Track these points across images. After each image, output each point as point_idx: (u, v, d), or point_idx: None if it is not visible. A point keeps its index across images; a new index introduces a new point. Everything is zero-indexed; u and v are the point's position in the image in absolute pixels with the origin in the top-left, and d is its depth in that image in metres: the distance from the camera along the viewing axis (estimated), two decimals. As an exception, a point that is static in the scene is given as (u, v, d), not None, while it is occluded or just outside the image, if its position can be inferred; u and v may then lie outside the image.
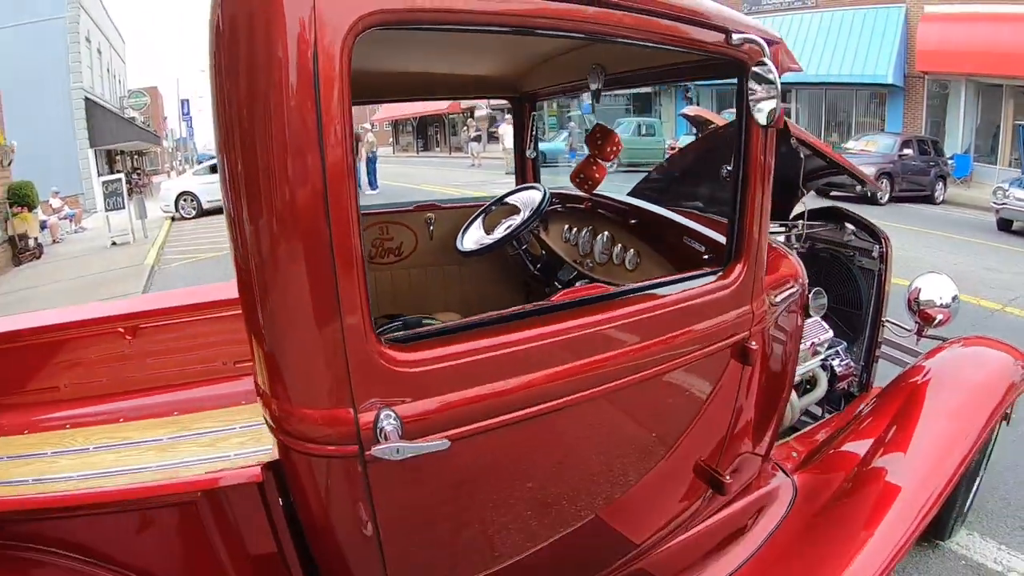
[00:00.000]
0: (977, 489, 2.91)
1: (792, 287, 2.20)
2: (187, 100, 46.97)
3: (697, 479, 2.00)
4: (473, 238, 2.90)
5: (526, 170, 3.39)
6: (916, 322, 3.11)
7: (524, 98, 3.29)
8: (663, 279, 1.83)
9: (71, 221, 17.77)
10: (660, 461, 1.89)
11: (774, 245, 2.37)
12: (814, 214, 3.32)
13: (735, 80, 1.70)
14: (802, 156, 2.76)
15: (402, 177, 23.39)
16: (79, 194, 21.42)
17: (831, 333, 2.98)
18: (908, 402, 2.54)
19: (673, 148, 18.05)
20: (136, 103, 33.09)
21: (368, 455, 1.26)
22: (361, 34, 1.13)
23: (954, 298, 3.07)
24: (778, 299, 2.07)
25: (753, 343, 1.86)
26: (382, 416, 1.26)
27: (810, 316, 2.73)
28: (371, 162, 18.70)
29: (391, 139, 47.43)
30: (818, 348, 2.92)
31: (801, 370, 2.75)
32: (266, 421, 1.34)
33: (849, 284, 3.39)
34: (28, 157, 14.78)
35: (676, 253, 2.33)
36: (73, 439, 2.19)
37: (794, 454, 2.62)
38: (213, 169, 18.62)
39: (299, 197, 1.14)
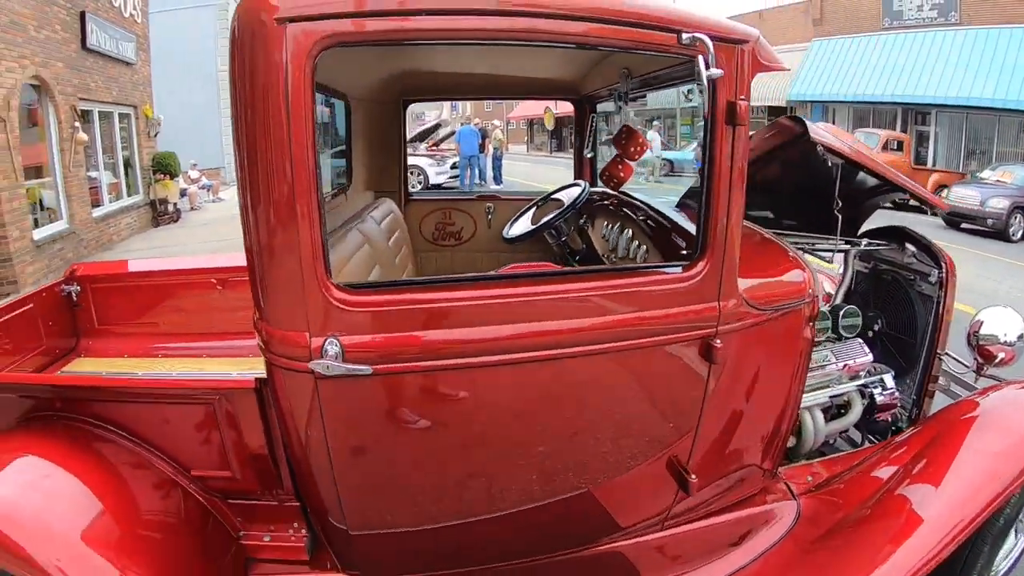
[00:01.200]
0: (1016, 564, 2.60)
1: (794, 300, 2.13)
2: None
3: (660, 471, 2.02)
4: (519, 227, 3.08)
5: (583, 169, 3.62)
6: (975, 358, 2.80)
7: (584, 100, 3.55)
8: (620, 266, 1.96)
9: (209, 191, 19.23)
10: (608, 441, 1.96)
11: (794, 256, 2.32)
12: (878, 233, 3.16)
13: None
14: (832, 165, 2.64)
15: (527, 176, 23.65)
16: (220, 167, 23.16)
17: (870, 357, 2.79)
18: (942, 438, 2.32)
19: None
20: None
21: (313, 371, 1.59)
22: (323, 51, 1.47)
23: (1020, 336, 2.76)
24: (769, 307, 2.02)
25: (718, 341, 1.85)
26: (328, 342, 1.58)
27: (843, 336, 2.71)
28: (496, 159, 19.03)
29: (526, 137, 48.06)
30: (854, 371, 2.75)
31: (831, 392, 2.67)
32: (258, 344, 1.68)
33: (906, 309, 3.11)
34: (175, 131, 16.21)
35: (674, 250, 2.41)
36: (161, 365, 2.80)
37: (810, 477, 2.52)
38: None
39: (270, 174, 1.53)
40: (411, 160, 18.74)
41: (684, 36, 1.64)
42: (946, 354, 2.96)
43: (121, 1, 12.09)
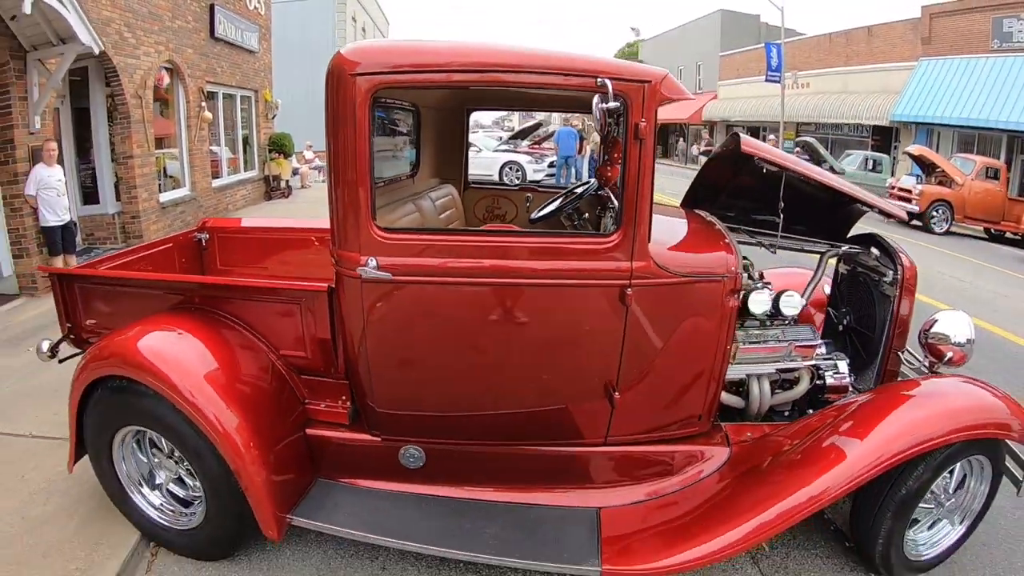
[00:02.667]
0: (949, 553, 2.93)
1: (710, 274, 2.65)
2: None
3: (596, 386, 2.66)
4: (541, 212, 3.65)
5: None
6: (927, 356, 3.06)
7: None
8: (568, 231, 3.00)
9: (320, 172, 20.60)
10: (558, 351, 2.63)
11: (728, 243, 2.84)
12: (856, 239, 3.53)
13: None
14: (768, 173, 3.15)
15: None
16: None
17: (819, 341, 3.15)
18: (875, 404, 2.74)
19: (893, 188, 16.65)
20: (396, 81, 37.15)
21: (359, 275, 2.46)
22: (376, 91, 2.39)
23: (969, 340, 2.96)
24: (682, 274, 2.59)
25: (630, 290, 2.49)
26: (370, 260, 2.45)
27: (782, 316, 3.06)
28: (592, 161, 19.20)
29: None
30: (804, 351, 3.09)
31: (780, 366, 3.08)
32: (332, 260, 2.57)
33: (869, 307, 3.40)
34: (293, 114, 17.50)
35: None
36: None
37: (749, 434, 2.97)
38: None
39: (344, 162, 2.44)
40: (511, 156, 19.56)
41: (598, 80, 2.29)
42: (905, 350, 3.28)
43: (247, -5, 13.29)
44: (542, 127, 20.01)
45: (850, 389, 3.17)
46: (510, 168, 19.03)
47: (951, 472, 2.76)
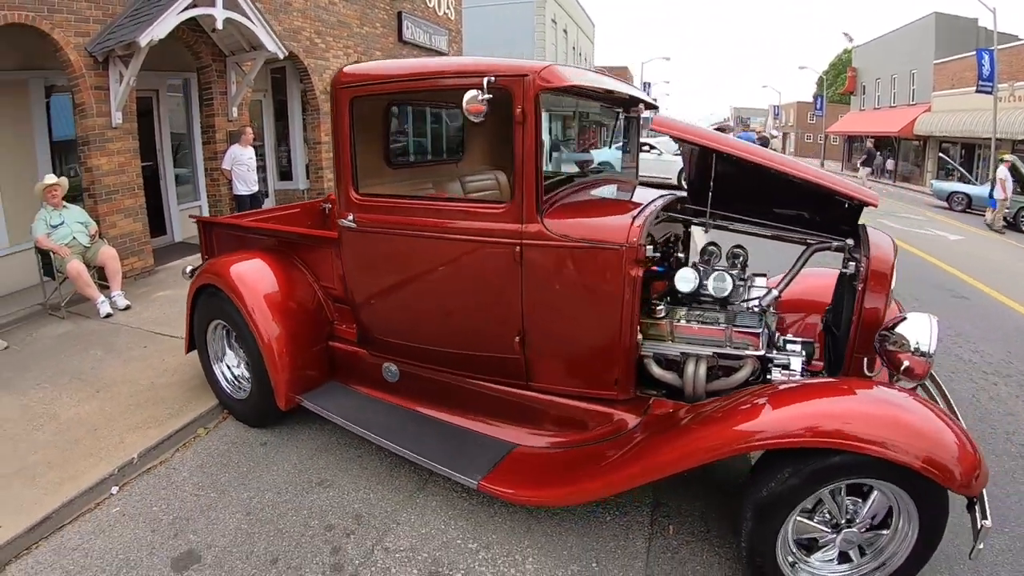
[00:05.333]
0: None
1: (605, 242, 2.87)
2: (648, 83, 52.12)
3: (508, 330, 3.11)
4: None
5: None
6: (883, 363, 2.77)
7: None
8: (480, 197, 3.54)
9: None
10: (479, 296, 3.17)
11: (637, 215, 2.95)
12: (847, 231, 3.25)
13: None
14: (689, 151, 3.39)
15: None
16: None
17: (759, 330, 2.96)
18: (796, 392, 2.53)
19: None
20: (594, 81, 38.22)
21: (343, 226, 3.44)
22: (352, 99, 3.29)
23: (929, 350, 2.61)
24: (573, 239, 2.90)
25: (518, 249, 2.96)
26: (350, 216, 3.39)
27: (712, 295, 3.08)
28: None
29: (842, 155, 44.88)
30: (743, 337, 2.98)
31: (719, 350, 3.01)
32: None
33: (842, 303, 3.21)
34: None
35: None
36: None
37: (672, 409, 3.01)
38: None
39: (338, 147, 3.41)
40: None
41: (484, 78, 2.79)
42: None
43: (435, 2, 15.02)
44: (725, 131, 19.80)
45: None
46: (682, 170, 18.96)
47: (862, 496, 2.48)
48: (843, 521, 2.49)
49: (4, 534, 2.90)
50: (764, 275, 3.53)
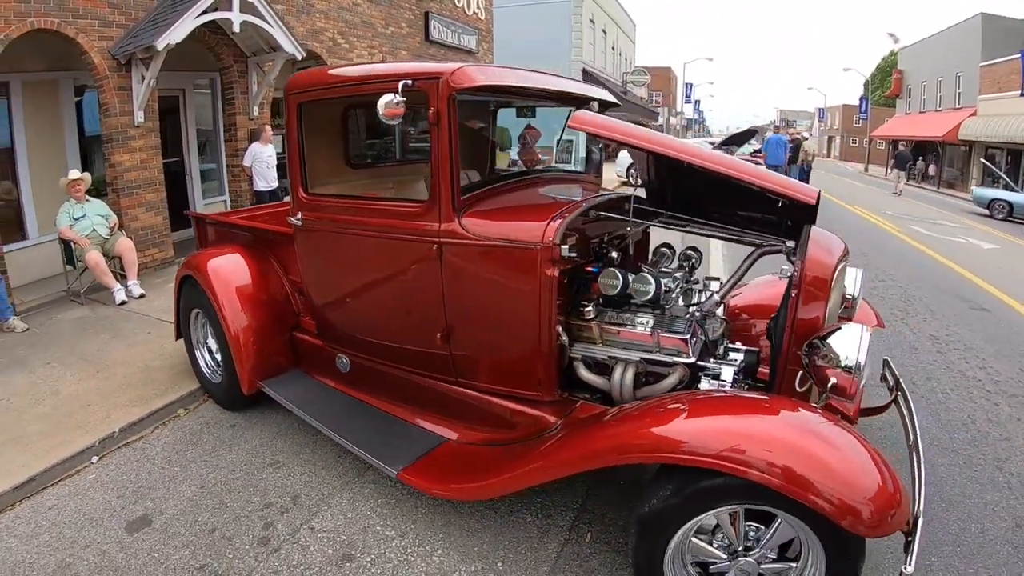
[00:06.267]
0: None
1: (519, 242, 2.89)
2: (690, 84, 51.86)
3: (431, 325, 3.28)
4: None
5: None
6: (810, 378, 2.60)
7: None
8: (402, 196, 3.59)
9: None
10: (404, 290, 3.37)
11: (555, 216, 2.93)
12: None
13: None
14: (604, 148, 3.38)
15: (836, 193, 22.83)
16: (548, 145, 26.50)
17: (684, 336, 2.87)
18: (709, 403, 2.46)
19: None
20: (636, 80, 38.10)
21: (290, 222, 3.78)
22: (299, 105, 3.54)
23: (857, 365, 2.41)
24: (489, 238, 2.97)
25: (435, 246, 3.10)
26: (299, 214, 3.68)
27: (634, 301, 3.02)
28: (803, 171, 18.36)
29: (889, 159, 44.12)
30: (671, 343, 2.90)
31: (647, 356, 2.97)
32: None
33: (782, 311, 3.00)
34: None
35: None
36: None
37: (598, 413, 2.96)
38: None
39: (290, 150, 3.67)
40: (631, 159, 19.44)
41: (401, 82, 2.91)
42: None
43: (464, 2, 15.35)
44: (756, 135, 19.57)
45: None
46: None
47: (767, 525, 2.32)
48: (740, 548, 2.36)
49: (-8, 492, 3.33)
50: (718, 279, 3.41)
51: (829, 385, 2.44)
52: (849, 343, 2.44)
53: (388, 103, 2.80)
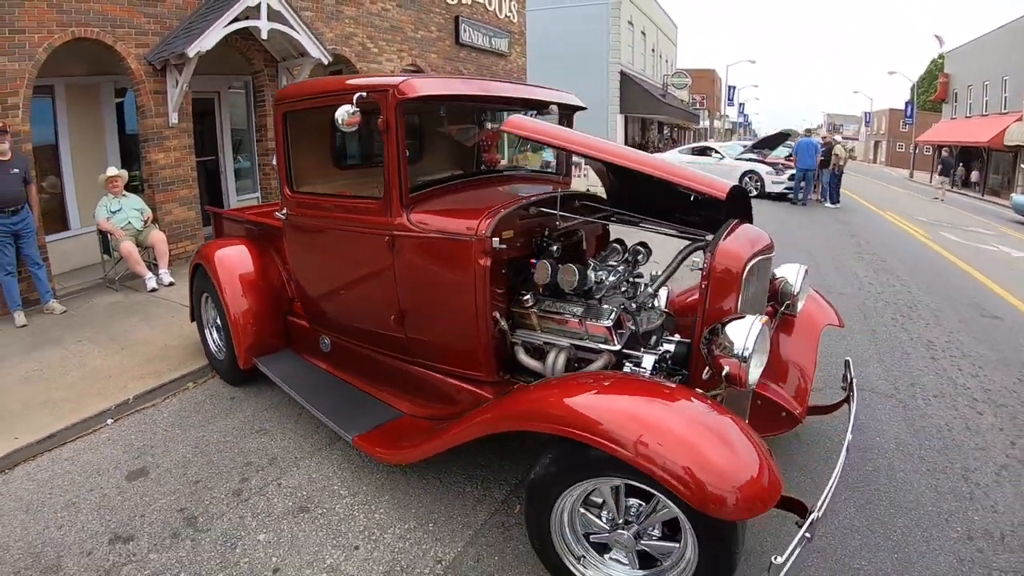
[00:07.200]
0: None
1: (456, 234, 3.20)
2: (733, 87, 51.50)
3: (387, 308, 3.65)
4: None
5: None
6: (708, 366, 2.71)
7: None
8: (361, 194, 3.82)
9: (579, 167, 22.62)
10: (365, 277, 3.79)
11: (488, 214, 3.17)
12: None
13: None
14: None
15: (873, 198, 22.46)
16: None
17: (607, 324, 3.08)
18: (620, 383, 2.57)
19: None
20: (677, 83, 38.08)
21: (277, 217, 4.34)
22: (284, 112, 4.02)
23: (748, 353, 2.48)
24: (429, 231, 3.29)
25: (387, 238, 3.45)
26: (284, 210, 4.20)
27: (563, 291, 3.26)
28: (834, 176, 18.17)
29: (935, 166, 43.08)
30: (598, 331, 3.12)
31: (577, 342, 3.21)
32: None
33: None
34: None
35: None
36: None
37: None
38: (698, 151, 21.39)
39: (278, 152, 4.16)
40: (750, 167, 19.55)
41: (356, 94, 3.22)
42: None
43: (496, 5, 15.76)
44: (789, 138, 19.40)
45: None
46: (749, 178, 18.81)
47: (644, 502, 2.48)
48: (620, 521, 2.51)
49: (19, 444, 3.88)
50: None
51: (724, 374, 2.54)
52: (740, 331, 2.52)
53: (345, 113, 3.15)
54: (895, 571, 2.92)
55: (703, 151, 21.19)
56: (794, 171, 17.44)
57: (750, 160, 19.45)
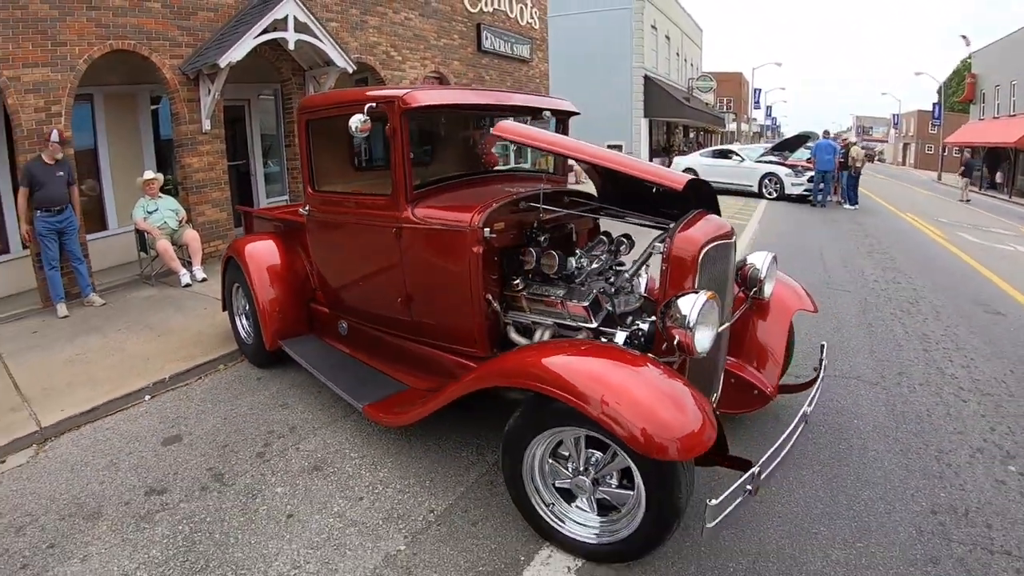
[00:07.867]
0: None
1: (450, 225, 3.59)
2: (759, 89, 51.50)
3: (397, 292, 4.06)
4: None
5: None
6: (664, 338, 2.95)
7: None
8: (380, 192, 4.08)
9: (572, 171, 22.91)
10: (380, 264, 4.14)
11: (481, 208, 3.51)
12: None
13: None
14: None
15: (896, 202, 22.32)
16: (621, 142, 27.25)
17: (583, 303, 3.40)
18: (589, 349, 2.88)
19: None
20: (702, 86, 38.15)
21: (301, 213, 4.82)
22: (307, 121, 4.49)
23: (694, 323, 2.74)
24: (428, 222, 3.70)
25: (395, 229, 3.86)
26: (307, 207, 4.67)
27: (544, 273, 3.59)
28: (852, 177, 18.18)
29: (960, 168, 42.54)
30: (577, 311, 3.44)
31: (559, 321, 3.54)
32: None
33: None
34: (593, 117, 19.78)
35: None
36: None
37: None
38: (719, 154, 21.65)
39: (301, 156, 4.67)
40: (770, 169, 19.81)
41: (367, 104, 3.68)
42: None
43: (518, 12, 16.17)
44: (810, 139, 19.43)
45: None
46: (769, 180, 19.07)
47: (604, 453, 2.78)
48: (581, 468, 2.86)
49: (64, 415, 4.33)
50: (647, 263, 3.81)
51: (675, 342, 2.83)
52: (687, 305, 2.79)
53: (357, 121, 3.57)
54: (853, 537, 3.05)
55: (724, 154, 21.37)
56: (813, 173, 17.56)
57: (770, 163, 19.59)
